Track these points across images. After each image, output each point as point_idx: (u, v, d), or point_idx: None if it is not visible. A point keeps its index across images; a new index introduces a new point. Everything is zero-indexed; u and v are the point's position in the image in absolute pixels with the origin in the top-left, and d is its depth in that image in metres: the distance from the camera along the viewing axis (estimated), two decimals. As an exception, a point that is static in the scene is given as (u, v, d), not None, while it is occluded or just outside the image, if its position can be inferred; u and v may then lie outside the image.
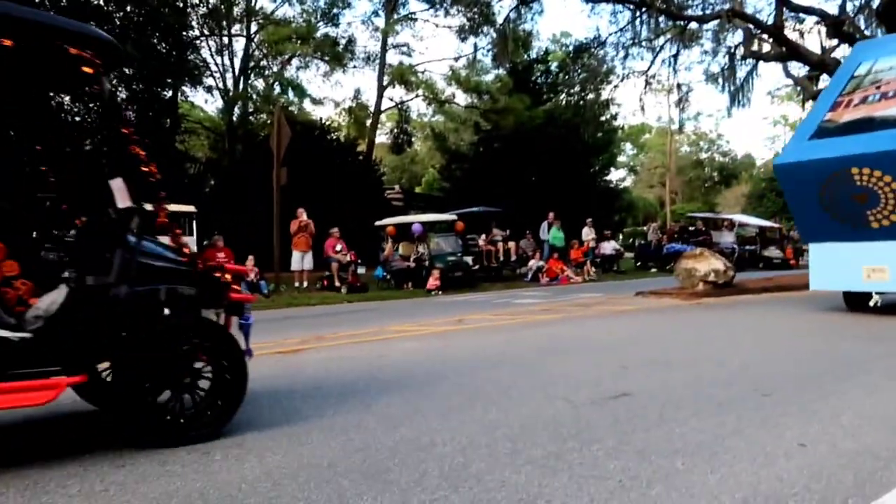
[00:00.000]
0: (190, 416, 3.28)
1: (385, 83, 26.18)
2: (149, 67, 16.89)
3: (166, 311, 3.34)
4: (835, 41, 18.77)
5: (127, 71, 17.82)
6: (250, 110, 24.33)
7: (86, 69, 2.98)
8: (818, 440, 3.08)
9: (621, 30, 21.45)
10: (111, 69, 3.32)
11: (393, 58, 26.71)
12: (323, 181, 20.43)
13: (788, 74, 21.40)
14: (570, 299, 11.83)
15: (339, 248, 14.23)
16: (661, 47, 22.05)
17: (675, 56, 21.97)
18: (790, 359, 5.42)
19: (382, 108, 28.00)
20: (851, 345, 6.10)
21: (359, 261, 14.75)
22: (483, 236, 18.13)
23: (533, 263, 17.63)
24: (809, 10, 18.48)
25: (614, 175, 40.30)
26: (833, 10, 18.42)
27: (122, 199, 3.19)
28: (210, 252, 13.52)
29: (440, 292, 13.78)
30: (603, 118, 29.59)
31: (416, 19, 26.68)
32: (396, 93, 27.12)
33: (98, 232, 3.37)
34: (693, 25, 20.54)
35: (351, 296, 13.11)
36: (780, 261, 24.62)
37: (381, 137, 31.41)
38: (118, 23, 17.26)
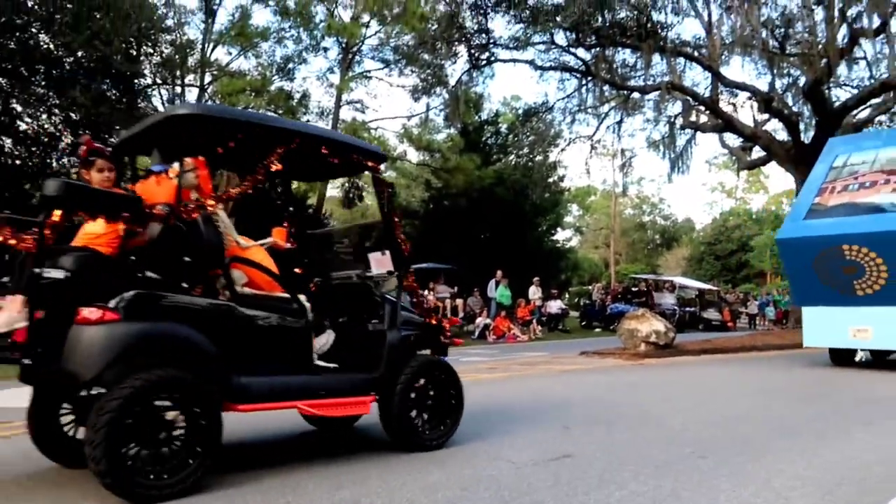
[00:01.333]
0: (428, 429, 4.34)
1: (338, 138, 26.46)
2: (98, 113, 16.63)
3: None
4: (766, 115, 19.95)
5: (74, 116, 17.53)
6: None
7: (372, 167, 4.45)
8: (756, 501, 3.15)
9: (568, 96, 22.40)
10: (381, 167, 4.66)
11: (347, 114, 27.06)
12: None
13: (724, 144, 22.61)
14: (516, 357, 11.88)
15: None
16: (606, 114, 23.08)
17: (619, 123, 23.01)
18: (727, 420, 5.54)
19: (334, 162, 28.22)
20: (785, 406, 6.29)
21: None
22: (428, 293, 18.14)
23: (480, 321, 17.69)
24: (742, 86, 19.68)
25: (561, 235, 41.17)
26: (764, 86, 19.65)
27: (380, 267, 4.47)
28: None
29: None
30: (550, 180, 30.42)
31: (370, 77, 27.21)
32: (349, 148, 27.42)
33: (359, 288, 4.54)
34: (636, 95, 21.57)
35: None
36: (719, 323, 25.40)
37: (333, 191, 31.41)
38: (67, 67, 17.05)
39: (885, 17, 17.05)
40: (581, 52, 20.55)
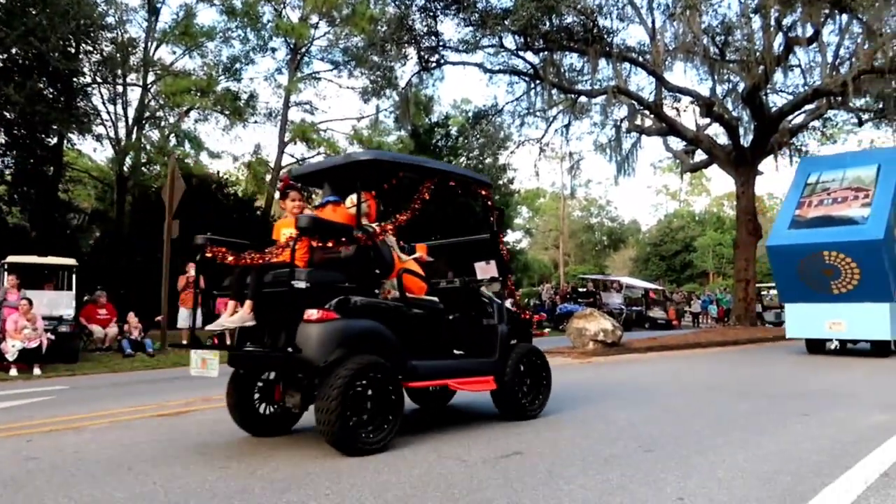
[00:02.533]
0: (528, 402, 5.42)
1: (286, 140, 26.06)
2: (33, 112, 15.97)
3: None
4: (707, 120, 20.56)
5: (8, 115, 16.81)
6: (143, 161, 23.44)
7: (485, 194, 5.66)
8: (695, 494, 3.23)
9: (517, 99, 22.60)
10: (487, 189, 5.76)
11: (295, 115, 26.71)
12: (218, 236, 19.78)
13: (668, 148, 23.18)
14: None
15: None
16: (554, 117, 23.39)
17: (567, 126, 23.35)
18: (671, 415, 5.68)
19: (283, 164, 27.80)
20: (727, 400, 6.49)
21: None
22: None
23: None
24: (685, 91, 20.24)
25: (511, 237, 41.53)
26: (706, 91, 20.26)
27: (485, 273, 5.71)
28: (91, 308, 12.70)
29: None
30: (500, 182, 30.66)
31: (319, 79, 26.93)
32: (298, 149, 27.04)
33: (464, 290, 5.50)
34: (583, 99, 21.94)
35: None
36: (664, 321, 26.04)
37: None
38: (1, 64, 16.33)
39: (817, 27, 17.80)
40: (530, 55, 20.80)
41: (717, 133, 21.29)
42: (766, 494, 3.20)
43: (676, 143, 22.70)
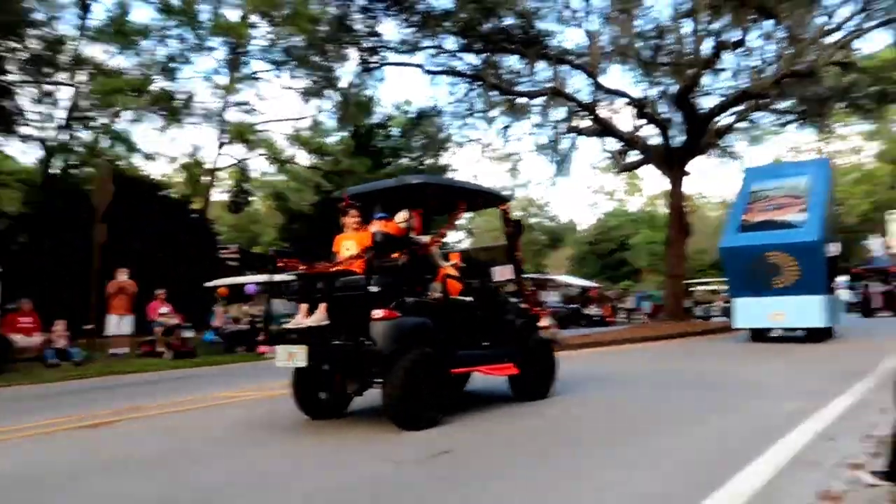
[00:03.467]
0: (539, 385, 6.38)
1: (224, 140, 25.52)
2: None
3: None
4: (641, 121, 21.14)
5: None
6: (74, 163, 22.53)
7: (504, 208, 6.50)
8: (618, 484, 3.34)
9: (458, 100, 22.71)
10: (506, 204, 6.65)
11: (234, 115, 26.16)
12: (152, 240, 19.23)
13: (604, 148, 23.72)
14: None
15: (164, 310, 13.34)
16: (495, 118, 23.61)
17: (507, 127, 23.60)
18: (603, 408, 5.85)
19: (221, 165, 27.21)
20: (654, 393, 6.70)
21: (188, 324, 13.87)
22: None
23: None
24: (619, 93, 20.74)
25: (453, 238, 41.70)
26: (640, 93, 20.81)
27: (503, 276, 6.50)
28: (12, 317, 12.14)
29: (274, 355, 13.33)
30: (442, 182, 30.79)
31: (259, 79, 26.43)
32: (236, 150, 26.49)
33: (488, 293, 6.37)
34: (523, 100, 22.23)
35: (177, 361, 12.28)
36: (599, 318, 26.65)
37: (220, 196, 30.27)
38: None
39: (744, 32, 18.53)
40: (470, 57, 20.95)
41: (651, 134, 21.90)
42: (684, 482, 3.34)
43: (612, 144, 23.23)
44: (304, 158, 28.14)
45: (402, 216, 5.76)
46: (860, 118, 23.77)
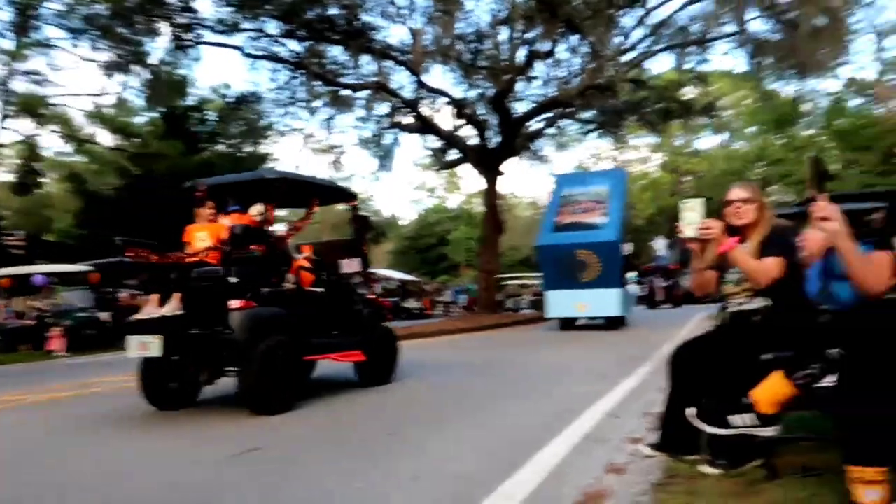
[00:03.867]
0: (385, 371, 6.83)
1: (9, 113, 22.52)
2: None
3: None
4: (460, 121, 21.93)
5: None
6: None
7: (353, 204, 7.23)
8: (428, 472, 3.43)
9: (280, 87, 22.00)
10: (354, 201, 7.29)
11: (22, 85, 23.13)
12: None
13: (426, 146, 24.28)
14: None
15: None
16: (318, 109, 23.20)
17: (330, 119, 23.31)
18: (416, 398, 5.99)
19: (5, 141, 23.99)
20: (466, 381, 6.98)
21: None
22: (125, 291, 16.47)
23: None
24: (441, 92, 21.34)
25: (273, 228, 40.37)
26: (460, 94, 21.55)
27: (351, 268, 6.97)
28: None
29: (69, 353, 12.07)
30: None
31: (53, 47, 23.60)
32: (24, 125, 23.50)
33: (338, 284, 6.74)
34: (347, 92, 22.06)
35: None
36: (419, 311, 27.34)
37: (3, 176, 26.73)
38: None
39: (553, 43, 19.90)
40: (294, 44, 20.37)
41: (470, 135, 22.78)
42: (488, 465, 3.51)
43: (434, 142, 23.86)
44: (107, 139, 25.69)
45: (257, 209, 6.01)
46: (648, 131, 26.56)
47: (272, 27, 19.74)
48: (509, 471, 3.32)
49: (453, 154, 23.30)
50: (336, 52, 21.25)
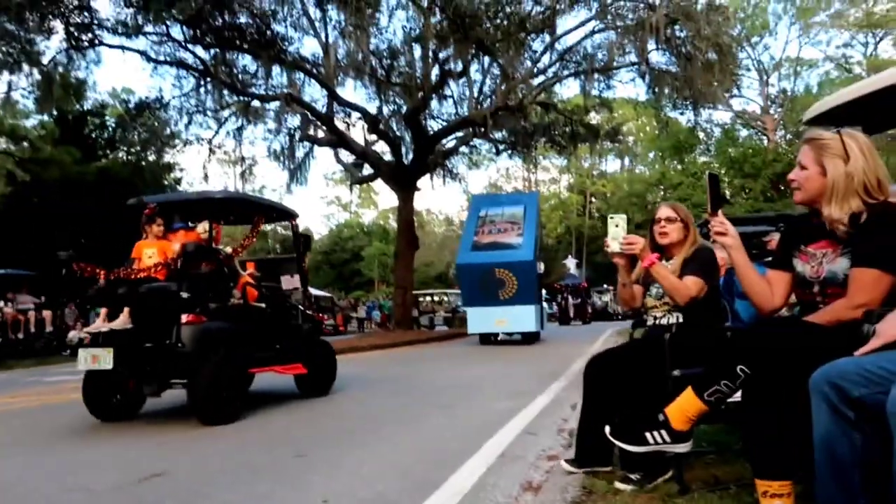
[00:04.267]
0: (322, 384, 7.13)
1: None
2: None
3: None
4: (374, 136, 21.84)
5: None
6: None
7: (293, 223, 7.47)
8: (340, 493, 3.30)
9: (185, 95, 21.22)
10: (295, 220, 7.49)
11: None
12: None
13: (339, 160, 24.01)
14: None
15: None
16: (226, 119, 22.51)
17: (240, 129, 22.68)
18: (328, 417, 5.80)
19: None
20: (380, 400, 6.85)
21: None
22: (5, 304, 15.25)
23: (74, 335, 15.46)
24: (354, 107, 21.22)
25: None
26: (373, 109, 21.49)
27: (291, 284, 7.33)
28: None
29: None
30: (165, 182, 28.41)
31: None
32: None
33: (280, 299, 7.03)
34: (256, 103, 21.53)
35: None
36: (332, 327, 26.84)
37: None
38: None
39: (466, 64, 20.23)
40: (200, 50, 19.69)
41: (384, 151, 22.73)
42: (403, 485, 3.42)
43: (347, 156, 23.64)
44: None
45: (203, 227, 6.39)
46: (557, 153, 27.41)
47: (177, 31, 19.02)
48: (425, 491, 3.23)
49: (367, 169, 23.14)
50: (246, 61, 20.74)
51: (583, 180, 51.97)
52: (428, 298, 29.76)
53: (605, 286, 36.83)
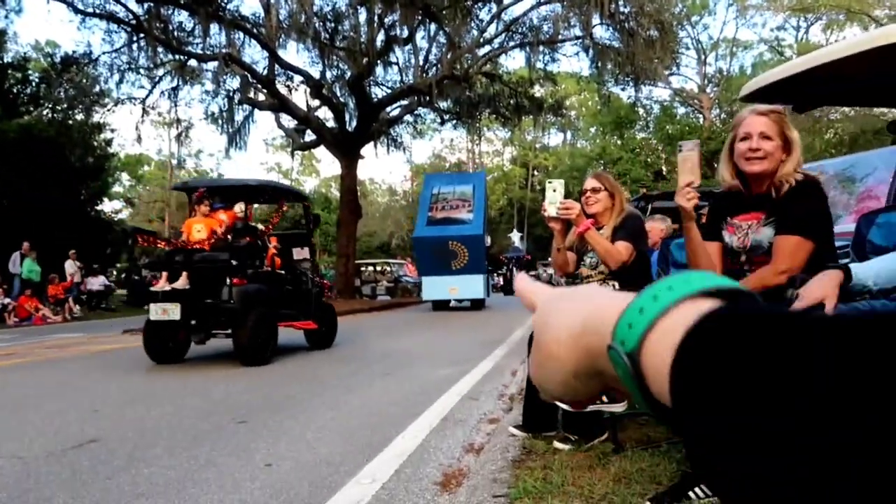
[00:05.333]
0: (325, 338, 8.43)
1: None
2: None
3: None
4: (317, 101, 21.37)
5: None
6: None
7: (306, 204, 9.21)
8: (283, 458, 3.30)
9: (116, 50, 20.22)
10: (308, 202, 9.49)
11: None
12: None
13: (280, 125, 23.43)
14: (44, 340, 10.31)
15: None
16: (161, 78, 21.59)
17: (176, 90, 21.81)
18: (270, 383, 5.76)
19: None
20: (327, 367, 6.83)
21: None
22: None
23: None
24: (297, 70, 20.67)
25: (108, 206, 37.15)
26: (317, 74, 20.99)
27: (302, 255, 8.76)
28: None
29: None
30: (94, 143, 27.14)
31: None
32: None
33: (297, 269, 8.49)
34: (193, 63, 20.72)
35: None
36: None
37: None
38: None
39: (411, 31, 19.94)
40: (133, 4, 18.73)
41: (327, 118, 22.28)
42: (347, 449, 3.45)
43: (288, 121, 23.07)
44: None
45: (239, 207, 7.90)
46: (501, 125, 27.48)
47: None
48: (369, 454, 3.27)
49: (309, 136, 22.67)
50: (182, 18, 19.86)
51: (525, 153, 52.38)
52: (370, 268, 29.59)
53: (549, 259, 37.42)
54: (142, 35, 19.14)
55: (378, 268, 30.24)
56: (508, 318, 12.79)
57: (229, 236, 7.18)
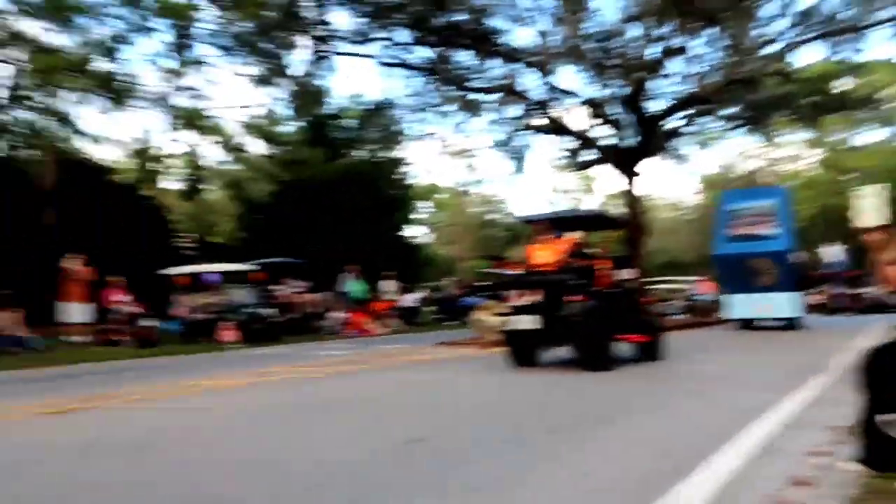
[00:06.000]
0: (655, 351, 8.89)
1: (175, 126, 24.77)
2: None
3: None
4: (595, 120, 21.51)
5: None
6: (17, 144, 21.45)
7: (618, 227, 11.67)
8: (599, 468, 3.48)
9: (413, 94, 22.65)
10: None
11: (184, 101, 25.36)
12: (102, 226, 18.63)
13: (560, 147, 24.04)
14: (375, 350, 11.99)
15: (122, 298, 13.07)
16: (451, 113, 23.65)
17: (462, 123, 23.70)
18: (577, 396, 6.04)
19: (172, 152, 26.48)
20: (629, 383, 6.89)
21: (149, 313, 13.64)
22: (284, 287, 17.81)
23: (335, 315, 17.57)
24: (572, 93, 21.12)
25: (412, 231, 41.54)
26: (591, 94, 21.18)
27: (629, 275, 9.39)
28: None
29: (241, 345, 13.33)
30: (397, 176, 30.71)
31: (206, 64, 25.60)
32: (188, 137, 25.75)
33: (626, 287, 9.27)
34: (478, 96, 22.33)
35: (139, 350, 12.12)
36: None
37: (173, 184, 29.51)
38: None
39: (688, 39, 19.08)
40: (424, 51, 20.91)
41: (605, 135, 22.26)
42: (661, 466, 3.49)
43: (569, 142, 23.53)
44: (261, 147, 27.69)
45: (578, 235, 8.94)
46: (801, 126, 24.73)
47: (403, 35, 20.39)
48: (683, 474, 3.29)
49: (588, 155, 22.90)
50: (466, 57, 21.57)
51: (835, 155, 46.18)
52: (662, 286, 28.00)
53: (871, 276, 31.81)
54: (433, 77, 21.24)
55: (669, 286, 28.78)
56: (827, 342, 11.51)
57: (570, 259, 8.13)
